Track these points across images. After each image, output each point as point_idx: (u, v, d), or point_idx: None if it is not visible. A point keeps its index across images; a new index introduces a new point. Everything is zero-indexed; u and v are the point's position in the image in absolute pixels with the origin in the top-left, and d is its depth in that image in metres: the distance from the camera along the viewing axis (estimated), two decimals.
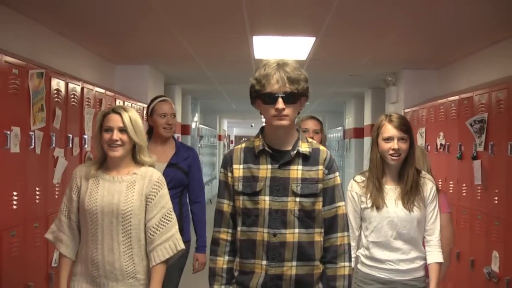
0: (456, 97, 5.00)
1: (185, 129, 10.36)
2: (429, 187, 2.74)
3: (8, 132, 3.28)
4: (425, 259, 2.73)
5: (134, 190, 2.54)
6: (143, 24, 4.78)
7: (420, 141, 5.90)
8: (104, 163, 2.60)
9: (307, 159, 2.22)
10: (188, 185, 3.50)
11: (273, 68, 2.14)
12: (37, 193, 3.69)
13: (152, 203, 2.55)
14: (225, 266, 2.24)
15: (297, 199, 2.18)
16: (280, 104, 2.13)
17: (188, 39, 5.37)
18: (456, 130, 4.92)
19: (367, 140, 9.25)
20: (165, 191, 2.61)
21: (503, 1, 3.80)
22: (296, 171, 2.20)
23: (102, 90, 5.19)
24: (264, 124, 2.30)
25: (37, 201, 3.69)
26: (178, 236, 2.59)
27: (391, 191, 2.71)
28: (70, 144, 4.26)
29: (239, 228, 2.22)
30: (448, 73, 6.42)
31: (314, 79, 5.52)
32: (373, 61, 6.51)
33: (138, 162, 2.60)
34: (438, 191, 2.93)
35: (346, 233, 2.25)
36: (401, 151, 2.66)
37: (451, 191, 4.97)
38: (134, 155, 2.59)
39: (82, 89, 4.58)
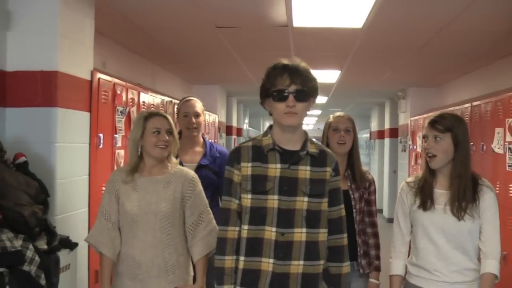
0: (437, 112, 7.02)
1: (239, 132, 12.60)
2: (487, 195, 2.38)
3: None
4: (479, 272, 2.37)
5: (171, 189, 2.56)
6: (216, 56, 6.44)
7: (419, 143, 7.89)
8: (138, 168, 2.61)
9: (315, 160, 2.16)
10: (220, 186, 3.17)
11: (283, 67, 2.11)
12: None
13: (190, 201, 2.58)
14: (234, 266, 2.15)
15: (306, 199, 2.11)
16: (291, 100, 2.08)
17: (248, 67, 7.33)
18: None
19: (387, 141, 11.37)
20: (200, 188, 2.64)
21: (472, 46, 5.55)
22: (305, 171, 2.14)
23: None
24: (272, 123, 2.23)
25: None
26: (217, 229, 2.51)
27: (441, 196, 2.41)
28: None
29: (245, 227, 2.14)
30: (442, 91, 8.49)
31: (343, 92, 8.02)
32: (388, 81, 8.45)
33: (167, 162, 2.63)
34: None
35: (346, 234, 2.24)
36: (434, 151, 2.37)
37: None
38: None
39: None
